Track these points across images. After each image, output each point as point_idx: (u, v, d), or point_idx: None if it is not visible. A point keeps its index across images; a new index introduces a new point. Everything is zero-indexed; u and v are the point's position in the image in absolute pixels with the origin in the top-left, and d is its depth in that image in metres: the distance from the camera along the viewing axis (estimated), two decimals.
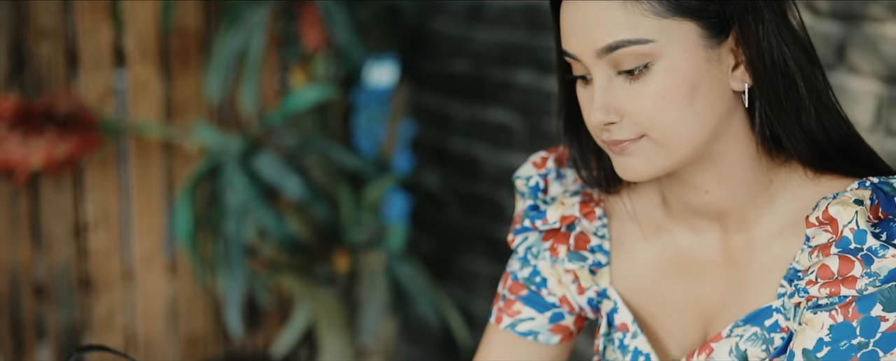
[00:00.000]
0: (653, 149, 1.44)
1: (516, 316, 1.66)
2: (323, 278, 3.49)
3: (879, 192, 1.44)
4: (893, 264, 1.38)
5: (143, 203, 3.71)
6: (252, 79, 3.34)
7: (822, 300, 1.42)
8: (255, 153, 3.27)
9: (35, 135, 3.32)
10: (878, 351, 1.41)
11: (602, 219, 1.62)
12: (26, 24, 3.51)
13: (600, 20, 1.42)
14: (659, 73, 1.41)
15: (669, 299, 1.58)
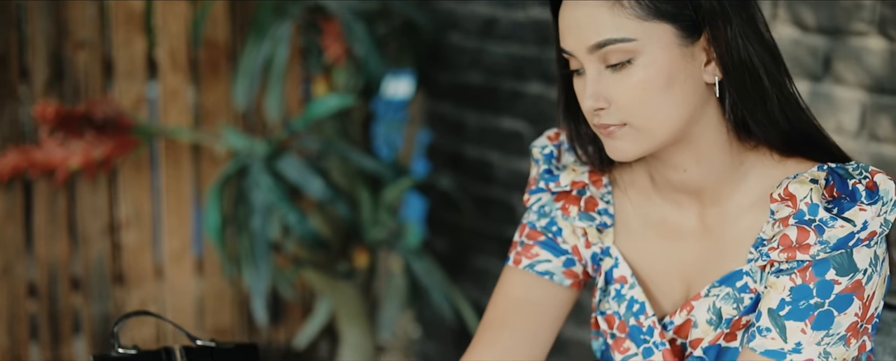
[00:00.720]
0: (635, 134, 1.64)
1: (535, 258, 1.86)
2: (343, 274, 3.67)
3: (834, 175, 1.64)
4: (842, 233, 1.57)
5: (173, 203, 3.90)
6: (277, 88, 3.52)
7: (783, 264, 1.61)
8: (279, 156, 3.46)
9: (74, 138, 3.52)
10: (833, 311, 1.61)
11: (607, 187, 1.82)
12: (66, 35, 3.70)
13: (591, 22, 1.62)
14: (640, 67, 1.62)
15: (657, 262, 1.78)
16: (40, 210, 3.74)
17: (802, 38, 2.92)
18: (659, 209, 1.78)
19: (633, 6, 1.61)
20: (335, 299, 3.71)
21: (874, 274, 1.62)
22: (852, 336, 1.63)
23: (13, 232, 3.71)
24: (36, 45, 3.66)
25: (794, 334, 1.61)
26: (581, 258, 1.85)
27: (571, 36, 1.64)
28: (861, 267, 1.60)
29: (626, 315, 1.79)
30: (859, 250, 1.60)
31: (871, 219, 1.58)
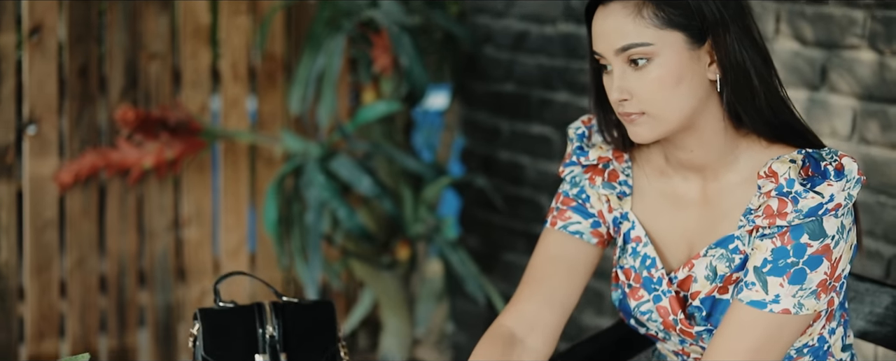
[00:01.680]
0: (652, 121, 2.04)
1: (568, 221, 2.26)
2: (386, 265, 4.05)
3: (810, 158, 2.03)
4: (813, 203, 1.96)
5: (231, 202, 4.28)
6: (330, 95, 3.91)
7: (766, 229, 2.00)
8: (332, 156, 3.85)
9: (150, 139, 3.93)
10: (806, 269, 2.00)
11: (628, 163, 2.22)
12: (140, 48, 4.09)
13: (617, 30, 2.02)
14: (656, 66, 2.01)
15: (666, 226, 2.18)
16: (112, 207, 4.12)
17: (802, 50, 3.29)
18: (670, 183, 2.17)
19: (651, 17, 2.01)
20: (378, 289, 4.10)
21: (841, 241, 2.01)
22: (822, 291, 2.01)
23: (88, 228, 4.10)
24: (113, 56, 4.06)
25: (773, 287, 2.00)
26: (605, 221, 2.25)
27: (602, 40, 2.05)
28: (830, 234, 1.99)
29: (640, 268, 2.18)
30: (828, 219, 1.99)
31: (837, 193, 1.98)
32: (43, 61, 3.95)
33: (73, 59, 3.99)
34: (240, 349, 2.27)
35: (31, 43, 3.92)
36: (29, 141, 3.96)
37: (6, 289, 4.00)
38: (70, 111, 4.00)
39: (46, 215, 4.02)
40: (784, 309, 2.00)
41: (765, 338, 2.01)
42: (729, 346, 2.02)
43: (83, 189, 4.05)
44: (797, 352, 2.15)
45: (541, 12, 4.13)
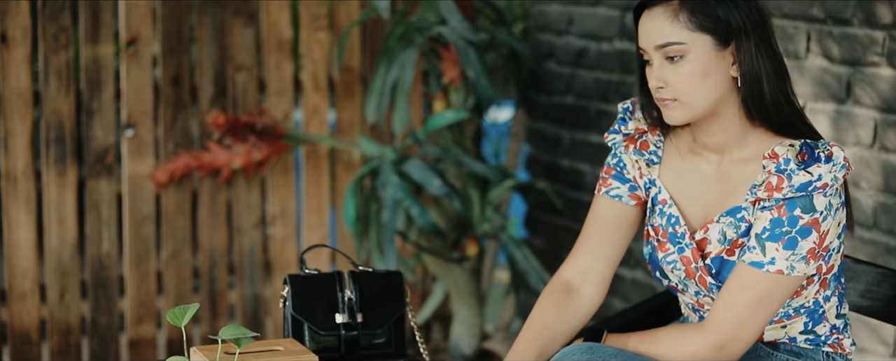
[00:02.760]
0: (682, 107, 2.54)
1: (610, 186, 2.77)
2: (456, 260, 4.53)
3: (807, 146, 2.50)
4: (803, 180, 2.44)
5: (313, 202, 4.78)
6: (403, 105, 4.39)
7: (766, 202, 2.47)
8: (405, 160, 4.33)
9: (239, 142, 4.44)
10: (798, 237, 2.47)
11: (660, 137, 2.72)
12: (228, 59, 4.61)
13: (658, 30, 2.54)
14: (688, 62, 2.52)
15: (688, 194, 2.69)
16: (204, 205, 4.64)
17: (829, 67, 3.74)
18: (694, 160, 2.67)
19: (686, 22, 2.51)
20: (448, 282, 4.58)
21: (829, 217, 2.47)
22: (811, 257, 2.48)
23: (182, 224, 4.62)
24: (203, 67, 4.58)
25: (770, 251, 2.47)
26: (639, 185, 2.73)
27: (645, 38, 2.56)
28: (819, 209, 2.46)
29: (665, 225, 2.67)
30: (817, 196, 2.46)
31: (825, 174, 2.45)
32: (139, 70, 4.48)
33: (166, 68, 4.52)
34: (323, 309, 2.76)
35: (128, 53, 4.45)
36: (127, 143, 4.49)
37: (108, 279, 4.52)
38: (164, 116, 4.53)
39: (144, 211, 4.54)
40: (778, 270, 2.47)
41: (762, 294, 2.49)
42: (733, 298, 2.51)
43: (177, 188, 4.56)
44: (794, 311, 2.62)
45: (598, 31, 4.61)
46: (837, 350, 2.69)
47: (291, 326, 2.77)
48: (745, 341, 2.54)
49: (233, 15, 4.59)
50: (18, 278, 4.40)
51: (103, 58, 4.44)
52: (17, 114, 4.34)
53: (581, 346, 2.57)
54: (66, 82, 4.39)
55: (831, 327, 2.68)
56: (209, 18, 4.57)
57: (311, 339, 2.77)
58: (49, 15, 4.34)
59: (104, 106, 4.46)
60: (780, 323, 2.64)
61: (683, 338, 2.59)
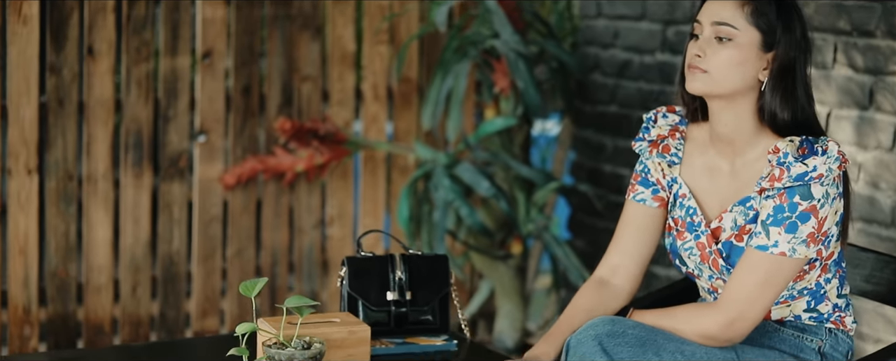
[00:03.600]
0: (707, 79, 2.88)
1: (636, 191, 3.12)
2: (502, 257, 4.89)
3: (807, 142, 2.84)
4: (800, 170, 2.79)
5: (369, 205, 5.15)
6: (456, 113, 4.76)
7: (769, 191, 2.81)
8: (457, 164, 4.70)
9: (303, 147, 4.83)
10: (798, 222, 2.81)
11: (680, 140, 3.05)
12: (294, 71, 5.00)
13: (722, 10, 2.88)
14: (731, 47, 2.87)
15: (705, 188, 3.02)
16: (268, 207, 5.03)
17: (854, 76, 4.08)
18: (710, 157, 3.02)
19: (747, 13, 2.86)
20: (494, 279, 4.94)
21: (826, 205, 2.81)
22: (811, 241, 2.82)
23: (247, 223, 5.00)
24: (272, 77, 4.97)
25: (774, 235, 2.81)
26: (663, 186, 3.09)
27: (707, 12, 2.91)
28: (816, 197, 2.80)
29: (684, 216, 3.02)
30: (814, 185, 2.80)
31: (820, 165, 2.79)
32: (212, 81, 4.87)
33: (237, 79, 4.91)
34: (376, 287, 3.13)
35: (202, 65, 4.85)
36: (199, 148, 4.88)
37: (177, 275, 4.91)
38: (234, 123, 4.92)
39: (212, 212, 4.93)
40: (781, 252, 2.82)
41: (768, 274, 2.83)
42: (742, 279, 2.85)
43: (244, 190, 4.95)
44: (798, 293, 2.95)
45: (641, 44, 4.96)
46: (839, 327, 3.02)
47: (347, 302, 3.14)
48: (753, 318, 2.88)
49: (300, 29, 4.98)
50: (95, 273, 4.80)
51: (180, 69, 4.84)
52: (100, 120, 4.74)
53: (604, 318, 2.91)
54: (145, 91, 4.79)
55: (833, 306, 3.01)
56: (279, 33, 4.96)
57: (365, 314, 3.14)
58: (132, 29, 4.74)
59: (179, 113, 4.85)
60: (786, 304, 2.98)
61: (697, 315, 2.93)
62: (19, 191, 4.62)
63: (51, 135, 4.67)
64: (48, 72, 4.64)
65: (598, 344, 2.85)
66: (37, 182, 4.66)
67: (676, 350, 2.88)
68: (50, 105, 4.66)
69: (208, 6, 4.83)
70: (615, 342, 2.85)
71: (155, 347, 3.49)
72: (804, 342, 3.00)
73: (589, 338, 2.87)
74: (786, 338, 3.00)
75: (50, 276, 4.74)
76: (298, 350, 2.74)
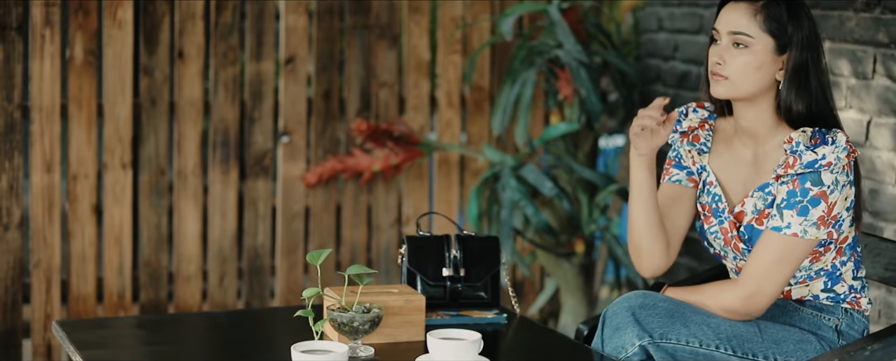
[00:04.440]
0: (728, 84, 3.22)
1: (671, 174, 3.47)
2: (565, 255, 5.25)
3: (820, 133, 3.18)
4: (810, 158, 3.13)
5: (443, 204, 5.53)
6: (524, 118, 5.14)
7: (784, 177, 3.16)
8: (523, 166, 5.07)
9: (378, 147, 5.23)
10: (809, 206, 3.15)
11: (709, 132, 3.39)
12: (372, 77, 5.40)
13: (737, 20, 3.22)
14: (748, 53, 3.22)
15: (730, 176, 3.37)
16: (347, 205, 5.42)
17: (892, 86, 4.40)
18: (736, 147, 3.35)
19: (760, 21, 3.20)
20: (559, 276, 5.30)
21: (835, 191, 3.15)
22: (821, 224, 3.15)
23: (327, 221, 5.40)
24: (351, 83, 5.37)
25: (787, 217, 3.15)
26: (694, 171, 3.43)
27: (724, 22, 3.25)
28: (826, 183, 3.14)
29: (710, 202, 3.36)
30: (824, 173, 3.13)
31: (829, 154, 3.13)
32: (295, 85, 5.28)
33: (318, 84, 5.32)
34: (433, 264, 3.51)
35: (286, 70, 5.26)
36: (282, 148, 5.30)
37: (261, 267, 5.32)
38: (315, 126, 5.32)
39: (295, 208, 5.34)
40: (793, 233, 3.15)
41: (782, 253, 3.17)
42: (758, 258, 3.19)
43: (325, 188, 5.36)
44: (816, 274, 3.29)
45: (699, 56, 5.30)
46: (854, 307, 3.35)
47: (406, 277, 3.53)
48: (769, 294, 3.22)
49: (378, 38, 5.38)
50: (184, 263, 5.22)
51: (265, 73, 5.26)
52: (190, 120, 5.17)
53: (637, 292, 3.27)
54: (232, 94, 5.21)
55: (849, 287, 3.34)
56: (358, 41, 5.36)
57: (423, 288, 3.51)
58: (220, 35, 5.17)
59: (264, 115, 5.27)
60: (804, 284, 3.32)
61: (721, 291, 3.28)
62: (114, 185, 5.06)
63: (144, 132, 5.10)
64: (141, 74, 5.07)
65: (631, 315, 3.21)
66: (131, 176, 5.09)
67: (702, 322, 3.22)
68: (143, 104, 5.09)
69: (291, 15, 5.24)
70: (646, 313, 3.21)
71: (234, 315, 3.88)
72: (822, 320, 3.33)
73: (623, 309, 3.23)
74: (805, 316, 3.34)
75: (143, 265, 5.17)
76: (358, 314, 3.12)
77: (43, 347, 5.03)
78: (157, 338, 3.42)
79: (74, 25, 4.95)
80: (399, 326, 3.26)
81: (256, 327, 3.53)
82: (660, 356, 3.19)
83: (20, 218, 4.93)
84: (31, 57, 4.92)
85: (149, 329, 3.58)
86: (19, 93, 4.89)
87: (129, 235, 5.12)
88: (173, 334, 3.47)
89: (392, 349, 3.21)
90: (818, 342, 3.29)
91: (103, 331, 3.47)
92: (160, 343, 3.36)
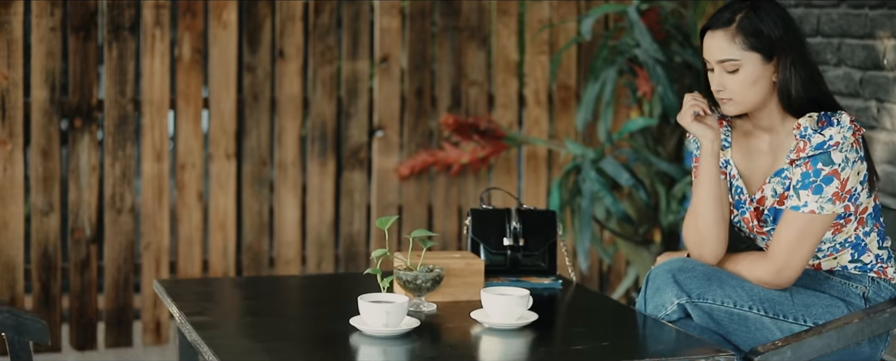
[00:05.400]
0: (735, 104, 3.58)
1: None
2: (643, 243, 5.66)
3: (825, 116, 3.53)
4: (819, 140, 3.49)
5: (530, 197, 5.97)
6: (606, 114, 5.56)
7: (797, 160, 3.54)
8: (602, 159, 5.50)
9: (466, 141, 5.69)
10: (823, 185, 3.51)
11: (727, 128, 3.77)
12: (462, 76, 5.86)
13: (718, 48, 3.58)
14: (741, 73, 3.57)
15: (750, 166, 3.72)
16: (438, 196, 5.88)
17: None
18: (752, 140, 3.71)
19: (740, 43, 3.54)
20: (638, 264, 5.71)
21: (846, 168, 3.50)
22: (836, 199, 3.51)
23: (419, 211, 5.87)
24: (442, 82, 5.83)
25: (803, 197, 3.53)
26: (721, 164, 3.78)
27: (709, 54, 3.62)
28: (836, 162, 3.50)
29: (733, 194, 3.74)
30: (834, 152, 3.50)
31: (835, 134, 3.49)
32: (389, 83, 5.77)
33: (411, 82, 5.80)
34: (495, 234, 3.95)
35: (380, 69, 5.75)
36: (377, 142, 5.78)
37: (357, 253, 5.80)
38: (408, 121, 5.80)
39: (389, 199, 5.82)
40: (811, 210, 3.52)
41: (802, 229, 3.54)
42: (780, 236, 3.57)
43: (417, 180, 5.83)
44: (841, 245, 3.65)
45: None
46: (881, 276, 3.71)
47: (470, 246, 3.97)
48: (796, 266, 3.57)
49: (468, 39, 5.84)
50: (284, 248, 5.72)
51: (360, 72, 5.75)
52: (290, 115, 5.67)
53: (679, 258, 3.68)
54: (329, 91, 5.71)
55: (875, 256, 3.69)
56: (448, 42, 5.83)
57: (486, 256, 3.95)
58: (318, 35, 5.67)
59: (359, 111, 5.76)
60: (832, 256, 3.67)
61: (754, 263, 3.66)
62: (219, 174, 5.58)
63: (247, 125, 5.62)
64: (244, 71, 5.59)
65: (671, 277, 3.62)
66: (234, 166, 5.61)
67: (737, 285, 3.61)
68: (246, 100, 5.61)
69: (385, 17, 5.73)
70: (685, 275, 3.61)
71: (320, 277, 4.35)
72: (850, 287, 3.69)
73: (664, 272, 3.64)
74: (834, 284, 3.70)
75: (245, 249, 5.68)
76: (422, 273, 3.57)
77: (152, 323, 5.56)
78: (249, 294, 3.91)
79: (182, 26, 5.48)
80: (460, 287, 3.70)
81: (339, 287, 3.99)
82: (696, 314, 3.57)
83: (132, 204, 5.47)
84: (143, 55, 5.46)
85: (242, 288, 4.07)
86: (132, 88, 5.44)
87: (232, 221, 5.63)
88: (265, 292, 3.95)
89: (453, 306, 3.64)
90: (846, 307, 3.65)
91: (199, 287, 3.97)
92: (251, 298, 3.85)
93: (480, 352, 3.29)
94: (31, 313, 3.63)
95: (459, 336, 3.37)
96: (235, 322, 3.61)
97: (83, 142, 5.40)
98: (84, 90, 5.38)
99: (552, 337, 3.45)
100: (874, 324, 3.52)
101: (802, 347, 3.43)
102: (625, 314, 3.70)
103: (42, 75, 5.33)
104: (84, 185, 5.42)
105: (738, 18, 3.56)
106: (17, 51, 5.27)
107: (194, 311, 3.53)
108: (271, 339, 3.33)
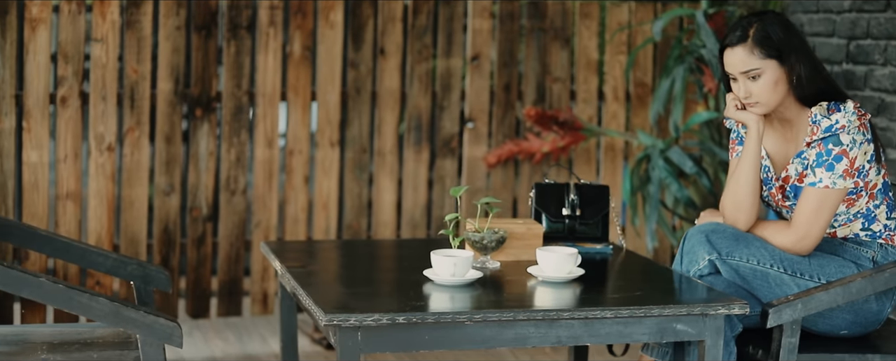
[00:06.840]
0: (761, 106, 4.24)
1: (737, 151, 4.46)
2: None
3: (834, 104, 4.20)
4: (827, 124, 4.15)
5: (607, 183, 6.64)
6: (677, 109, 6.26)
7: (812, 143, 4.23)
8: (670, 148, 6.23)
9: (546, 131, 6.44)
10: (834, 163, 4.18)
11: None
12: (547, 73, 6.53)
13: (739, 61, 4.26)
14: (763, 78, 4.24)
15: (775, 150, 4.38)
16: (523, 183, 6.61)
17: None
18: (776, 126, 4.38)
19: (758, 54, 4.20)
20: None
21: (854, 148, 4.15)
22: (846, 175, 4.15)
23: (505, 196, 6.58)
24: (528, 78, 6.55)
25: (819, 174, 4.17)
26: None
27: (731, 66, 4.28)
28: (845, 143, 4.15)
29: (762, 172, 4.39)
30: (842, 134, 4.14)
31: (841, 119, 4.14)
32: (479, 78, 6.50)
33: (500, 78, 6.53)
34: (555, 205, 4.70)
35: (472, 66, 6.49)
36: (468, 133, 6.51)
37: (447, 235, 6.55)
38: (496, 114, 6.53)
39: (478, 185, 6.55)
40: (825, 186, 4.17)
41: (819, 202, 4.19)
42: (802, 209, 4.21)
43: (503, 168, 6.57)
44: (854, 216, 4.30)
45: (831, 56, 6.33)
46: (889, 243, 4.33)
47: (534, 215, 4.72)
48: (815, 235, 4.21)
49: (553, 39, 6.55)
50: (382, 228, 6.47)
51: (453, 68, 6.48)
52: (388, 107, 6.43)
53: (711, 222, 4.37)
54: (425, 85, 6.44)
55: (884, 225, 4.31)
56: (534, 41, 6.54)
57: (547, 224, 4.69)
58: (416, 35, 6.41)
59: (452, 104, 6.50)
60: (846, 226, 4.30)
61: (777, 232, 4.30)
62: (324, 159, 6.36)
63: (349, 116, 6.37)
64: (349, 67, 6.33)
65: (704, 237, 4.29)
66: (338, 153, 6.37)
67: (762, 246, 4.25)
68: (349, 93, 6.35)
69: (477, 18, 6.46)
70: (716, 236, 4.28)
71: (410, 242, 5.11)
72: (861, 252, 4.34)
73: (697, 232, 4.32)
74: (847, 249, 4.35)
75: (346, 228, 6.45)
76: (488, 234, 4.33)
77: (260, 295, 6.35)
78: (343, 254, 4.69)
79: (294, 25, 6.26)
80: (521, 248, 4.42)
81: (422, 248, 4.66)
82: (725, 270, 4.21)
83: (244, 186, 6.27)
84: (257, 51, 6.23)
85: (338, 249, 4.85)
86: (247, 81, 6.22)
87: (335, 203, 6.38)
88: (357, 253, 4.72)
89: (514, 264, 4.36)
90: (857, 268, 4.28)
91: (300, 247, 4.76)
92: (345, 256, 4.62)
93: (533, 298, 3.98)
94: (157, 266, 4.45)
95: (517, 286, 4.07)
96: (329, 273, 4.37)
97: (202, 129, 6.17)
98: (205, 83, 6.14)
99: (594, 288, 4.13)
100: (876, 282, 4.15)
101: (811, 301, 4.08)
102: (662, 273, 4.40)
103: (167, 69, 6.07)
104: (202, 169, 6.20)
105: (751, 33, 4.21)
106: (145, 47, 6.02)
107: (295, 265, 4.30)
108: (358, 285, 4.11)
